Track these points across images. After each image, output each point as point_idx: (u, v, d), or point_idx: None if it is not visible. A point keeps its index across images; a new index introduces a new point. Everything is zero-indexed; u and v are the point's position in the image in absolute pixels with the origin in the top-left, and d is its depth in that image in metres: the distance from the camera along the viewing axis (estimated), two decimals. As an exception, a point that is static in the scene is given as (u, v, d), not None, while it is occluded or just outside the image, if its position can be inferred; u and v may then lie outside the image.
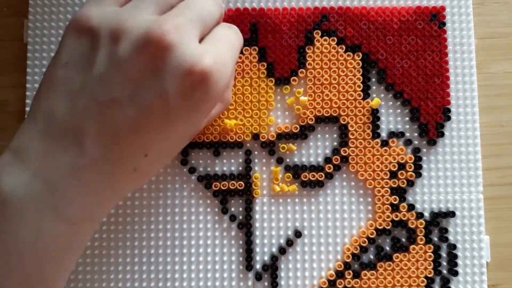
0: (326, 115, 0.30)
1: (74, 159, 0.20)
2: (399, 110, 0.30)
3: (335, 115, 0.30)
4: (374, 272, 0.29)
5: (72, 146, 0.20)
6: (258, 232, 0.29)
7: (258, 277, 0.29)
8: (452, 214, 0.29)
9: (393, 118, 0.30)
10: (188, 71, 0.20)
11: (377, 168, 0.29)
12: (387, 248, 0.29)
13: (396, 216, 0.29)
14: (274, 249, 0.29)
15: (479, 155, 0.30)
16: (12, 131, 0.30)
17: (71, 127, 0.21)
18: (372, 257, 0.29)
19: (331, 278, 0.29)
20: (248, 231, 0.29)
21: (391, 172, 0.29)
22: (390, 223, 0.29)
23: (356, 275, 0.29)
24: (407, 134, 0.30)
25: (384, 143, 0.30)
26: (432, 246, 0.29)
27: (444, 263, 0.29)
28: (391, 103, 0.30)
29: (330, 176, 0.30)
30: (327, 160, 0.30)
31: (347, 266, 0.29)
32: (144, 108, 0.20)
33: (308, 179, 0.29)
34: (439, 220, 0.29)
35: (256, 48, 0.30)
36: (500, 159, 0.31)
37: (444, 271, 0.29)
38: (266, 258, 0.29)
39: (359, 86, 0.30)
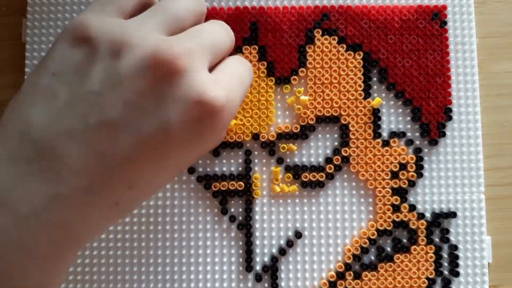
0: (326, 114, 0.30)
1: (50, 188, 0.17)
2: (401, 110, 0.30)
3: (335, 114, 0.30)
4: (375, 273, 0.29)
5: (48, 172, 0.17)
6: (258, 233, 0.29)
7: (258, 278, 0.29)
8: (453, 215, 0.29)
9: (394, 118, 0.30)
10: (197, 101, 0.18)
11: (378, 168, 0.29)
12: (388, 249, 0.29)
13: (397, 216, 0.29)
14: (274, 250, 0.29)
15: (481, 155, 0.29)
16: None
17: (49, 148, 0.17)
18: (373, 258, 0.29)
19: (332, 279, 0.29)
20: (248, 232, 0.29)
21: (392, 172, 0.29)
22: (391, 224, 0.29)
23: (357, 276, 0.29)
24: (409, 134, 0.30)
25: (385, 143, 0.29)
26: (433, 247, 0.29)
27: (446, 264, 0.29)
28: (392, 102, 0.30)
29: (330, 176, 0.29)
30: (328, 160, 0.29)
31: (347, 267, 0.29)
32: (140, 138, 0.18)
33: (308, 179, 0.29)
34: (440, 220, 0.29)
35: (256, 47, 0.30)
36: (501, 159, 0.30)
37: (446, 272, 0.29)
38: (266, 259, 0.29)
39: (360, 86, 0.30)
